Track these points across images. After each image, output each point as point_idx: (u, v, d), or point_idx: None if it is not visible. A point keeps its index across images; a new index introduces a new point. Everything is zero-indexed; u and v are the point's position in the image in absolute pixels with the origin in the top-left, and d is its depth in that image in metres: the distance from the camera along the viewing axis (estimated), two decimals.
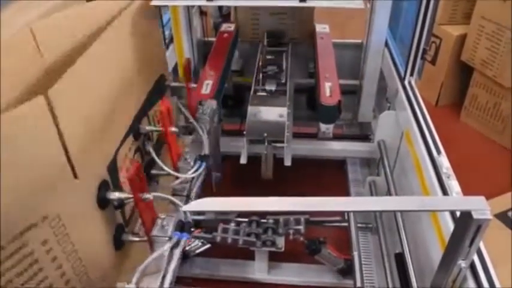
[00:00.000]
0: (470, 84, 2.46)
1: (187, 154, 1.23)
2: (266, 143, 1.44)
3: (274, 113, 1.43)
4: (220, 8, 2.26)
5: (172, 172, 1.13)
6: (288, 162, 1.43)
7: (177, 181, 1.13)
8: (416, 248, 1.20)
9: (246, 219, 1.31)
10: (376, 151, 1.61)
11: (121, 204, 0.95)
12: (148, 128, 1.15)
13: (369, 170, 1.87)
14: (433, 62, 2.58)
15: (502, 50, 2.18)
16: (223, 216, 1.32)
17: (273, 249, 1.33)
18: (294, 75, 1.75)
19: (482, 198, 0.76)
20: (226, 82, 1.62)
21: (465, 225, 0.77)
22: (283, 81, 1.62)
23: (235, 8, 1.97)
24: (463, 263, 0.83)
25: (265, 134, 1.42)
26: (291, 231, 1.32)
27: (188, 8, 1.55)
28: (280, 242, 1.32)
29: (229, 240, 1.33)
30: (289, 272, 1.53)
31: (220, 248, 1.32)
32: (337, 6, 1.02)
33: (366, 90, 1.74)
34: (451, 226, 0.94)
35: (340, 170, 1.93)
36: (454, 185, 1.01)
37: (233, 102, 1.92)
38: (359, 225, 1.48)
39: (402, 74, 1.46)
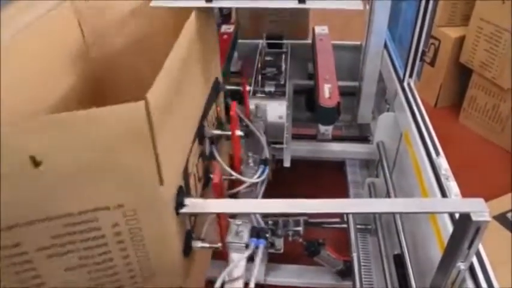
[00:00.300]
0: (469, 86, 2.47)
1: (250, 158, 1.23)
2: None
3: (273, 115, 1.43)
4: (220, 8, 2.26)
5: (240, 177, 1.12)
6: (287, 164, 1.43)
7: (243, 186, 1.12)
8: (416, 250, 1.20)
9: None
10: (375, 152, 1.61)
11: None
12: (215, 131, 1.13)
13: (368, 171, 1.87)
14: (432, 63, 2.59)
15: (500, 51, 2.19)
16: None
17: (272, 250, 1.34)
18: (293, 77, 1.76)
19: (481, 200, 0.76)
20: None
21: (464, 227, 0.77)
22: (282, 82, 1.62)
23: (236, 8, 1.97)
24: (462, 265, 0.83)
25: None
26: (290, 233, 1.33)
27: None
28: (280, 243, 1.33)
29: None
30: (288, 274, 1.52)
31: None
32: (336, 8, 1.02)
33: (365, 91, 1.74)
34: (450, 228, 0.94)
35: (340, 172, 1.93)
36: (452, 186, 1.01)
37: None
38: (358, 226, 1.48)
39: (401, 76, 1.46)
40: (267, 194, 1.16)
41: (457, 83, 2.59)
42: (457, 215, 0.84)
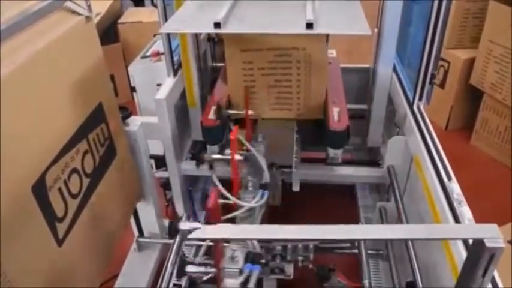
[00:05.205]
0: (480, 108, 2.45)
1: (250, 182, 1.24)
2: (274, 169, 1.43)
3: (282, 138, 1.42)
4: None
5: (238, 202, 1.13)
6: (296, 188, 1.42)
7: (241, 210, 1.12)
8: (429, 277, 1.17)
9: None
10: (385, 176, 1.59)
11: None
12: (214, 156, 1.16)
13: (379, 195, 1.84)
14: (442, 85, 2.58)
15: (510, 73, 2.17)
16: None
17: (281, 276, 1.31)
18: None
19: (494, 225, 0.74)
20: None
21: (478, 254, 0.74)
22: None
23: None
24: None
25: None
26: (300, 258, 1.30)
27: (196, 35, 1.57)
28: (289, 269, 1.30)
29: None
30: None
31: None
32: (345, 33, 1.02)
33: (374, 115, 1.73)
34: (463, 254, 0.92)
35: (350, 196, 1.91)
36: (465, 211, 0.99)
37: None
38: (369, 251, 1.45)
39: (411, 99, 1.45)
40: (276, 219, 1.14)
41: (468, 104, 2.57)
42: (470, 241, 0.82)
